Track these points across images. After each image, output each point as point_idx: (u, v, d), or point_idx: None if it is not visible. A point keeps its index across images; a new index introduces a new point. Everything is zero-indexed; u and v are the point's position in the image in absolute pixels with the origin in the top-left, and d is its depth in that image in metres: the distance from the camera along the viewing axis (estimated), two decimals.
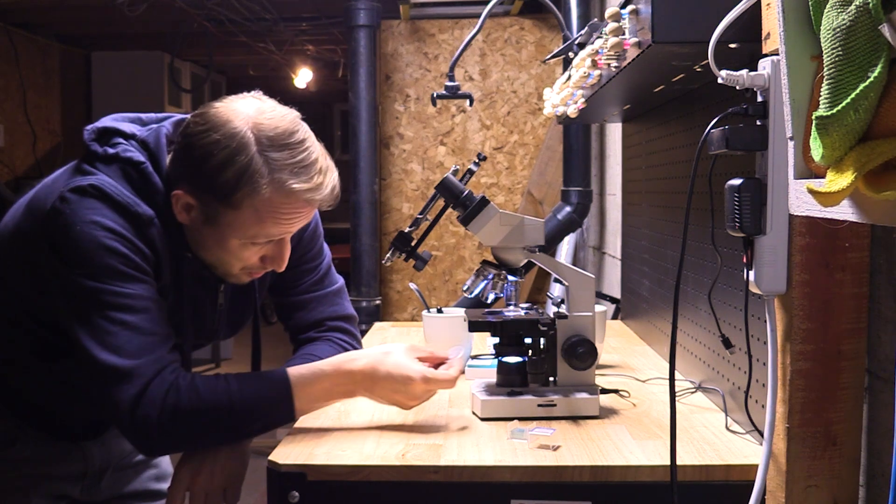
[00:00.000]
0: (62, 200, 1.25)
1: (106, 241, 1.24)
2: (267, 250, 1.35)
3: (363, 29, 3.97)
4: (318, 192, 1.29)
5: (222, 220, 1.29)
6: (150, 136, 1.36)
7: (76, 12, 4.91)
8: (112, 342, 1.23)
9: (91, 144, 1.34)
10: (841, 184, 0.67)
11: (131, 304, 1.25)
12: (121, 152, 1.32)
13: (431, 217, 1.50)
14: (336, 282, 1.62)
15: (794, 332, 1.00)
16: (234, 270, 1.37)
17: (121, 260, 1.25)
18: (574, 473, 1.17)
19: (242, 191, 1.25)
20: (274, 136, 1.26)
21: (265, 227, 1.29)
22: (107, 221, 1.25)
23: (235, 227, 1.29)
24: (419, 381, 1.33)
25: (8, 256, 1.36)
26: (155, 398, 1.22)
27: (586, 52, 1.49)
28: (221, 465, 1.31)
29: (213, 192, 1.26)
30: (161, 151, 1.34)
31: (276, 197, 1.26)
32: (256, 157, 1.25)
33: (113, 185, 1.28)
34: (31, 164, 5.52)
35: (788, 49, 0.78)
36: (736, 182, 1.00)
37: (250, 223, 1.28)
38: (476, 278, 1.48)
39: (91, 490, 1.53)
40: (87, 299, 1.24)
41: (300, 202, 1.28)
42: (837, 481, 1.02)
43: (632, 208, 2.27)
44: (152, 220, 1.29)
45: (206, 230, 1.32)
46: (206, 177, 1.26)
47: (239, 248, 1.32)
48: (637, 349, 1.99)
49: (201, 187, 1.28)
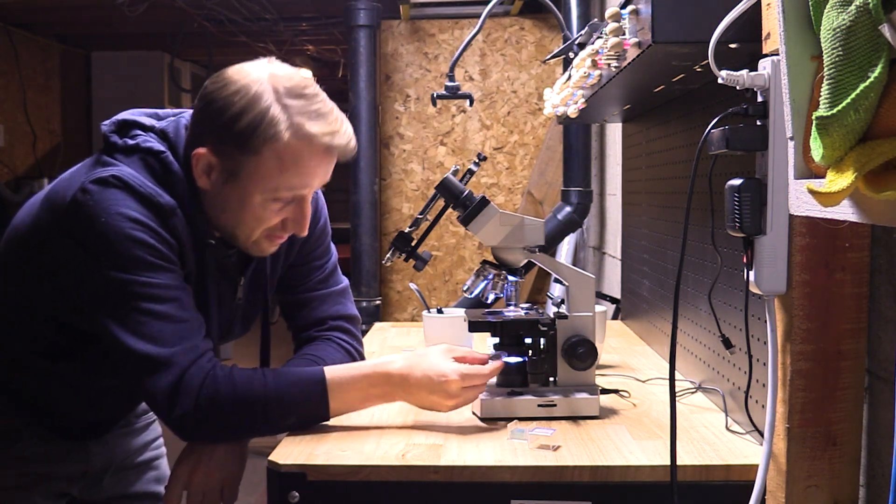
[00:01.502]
0: (84, 192, 1.25)
1: (132, 232, 1.24)
2: (288, 212, 1.34)
3: (363, 29, 3.97)
4: (338, 137, 1.30)
5: (243, 171, 1.29)
6: (170, 126, 1.37)
7: (76, 12, 4.90)
8: (146, 332, 1.23)
9: (111, 136, 1.34)
10: (841, 184, 0.67)
11: (161, 294, 1.25)
12: (141, 143, 1.33)
13: (431, 217, 1.50)
14: (341, 282, 1.62)
15: (794, 332, 1.00)
16: (255, 234, 1.35)
17: (148, 251, 1.25)
18: (574, 473, 1.17)
19: (262, 136, 1.26)
20: (290, 86, 1.29)
21: (286, 177, 1.29)
22: (131, 212, 1.25)
23: (257, 178, 1.29)
24: (455, 379, 1.32)
25: (23, 253, 1.36)
26: (192, 387, 1.23)
27: (586, 53, 1.49)
28: (218, 463, 1.31)
29: (234, 141, 1.27)
30: (181, 141, 1.35)
31: (296, 142, 1.27)
32: (274, 104, 1.27)
33: (135, 176, 1.28)
34: (31, 164, 5.52)
35: (788, 49, 0.78)
36: (736, 182, 1.00)
37: (272, 173, 1.28)
38: (476, 278, 1.48)
39: (91, 489, 1.53)
40: (117, 291, 1.24)
41: (320, 148, 1.29)
42: (837, 481, 1.02)
43: (632, 208, 2.27)
44: (174, 210, 1.29)
45: (227, 190, 1.31)
46: (226, 127, 1.27)
47: (260, 205, 1.31)
48: (637, 349, 1.99)
49: (221, 139, 1.29)
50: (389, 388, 1.34)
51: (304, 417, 1.32)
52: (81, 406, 1.46)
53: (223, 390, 1.24)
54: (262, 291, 1.53)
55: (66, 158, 5.56)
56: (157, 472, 1.65)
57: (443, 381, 1.32)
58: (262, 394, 1.27)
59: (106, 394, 1.46)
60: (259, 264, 1.49)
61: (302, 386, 1.31)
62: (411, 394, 1.34)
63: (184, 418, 1.24)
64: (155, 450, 1.67)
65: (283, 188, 1.30)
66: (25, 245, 1.35)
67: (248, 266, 1.47)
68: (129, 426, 1.61)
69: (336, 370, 1.34)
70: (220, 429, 1.29)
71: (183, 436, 1.31)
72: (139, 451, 1.63)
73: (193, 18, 4.70)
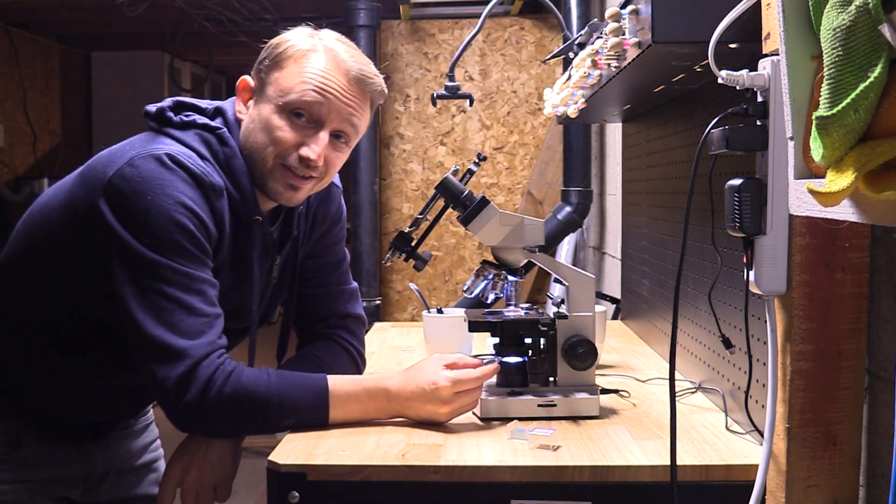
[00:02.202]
0: (132, 166, 1.26)
1: (177, 216, 1.25)
2: (305, 135, 1.35)
3: (363, 29, 3.97)
4: (361, 64, 1.38)
5: (269, 84, 1.36)
6: (226, 105, 1.42)
7: (76, 12, 4.90)
8: (167, 319, 1.24)
9: (166, 112, 1.37)
10: (841, 184, 0.67)
11: (189, 284, 1.25)
12: (197, 119, 1.37)
13: (431, 217, 1.50)
14: (351, 283, 1.64)
15: (794, 332, 1.00)
16: (271, 159, 1.36)
17: (188, 238, 1.26)
18: (574, 473, 1.17)
19: (290, 49, 1.36)
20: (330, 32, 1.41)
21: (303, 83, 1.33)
22: (179, 195, 1.26)
23: (277, 86, 1.35)
24: (446, 385, 1.32)
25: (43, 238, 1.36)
26: (201, 380, 1.23)
27: (586, 52, 1.49)
28: (211, 463, 1.32)
29: (269, 59, 1.37)
30: (234, 120, 1.40)
31: (319, 54, 1.36)
32: (313, 35, 1.40)
33: (189, 156, 1.30)
34: (31, 164, 5.52)
35: (788, 49, 0.78)
36: (736, 182, 1.00)
37: (290, 77, 1.34)
38: (476, 278, 1.48)
39: (91, 492, 1.53)
40: (147, 271, 1.25)
41: (343, 67, 1.36)
42: (837, 481, 1.02)
43: (632, 208, 2.27)
44: (223, 191, 1.32)
45: (255, 113, 1.37)
46: (268, 50, 1.39)
47: (278, 115, 1.34)
48: (637, 349, 1.99)
49: (261, 63, 1.39)
50: (387, 404, 1.35)
51: (303, 421, 1.33)
52: (85, 406, 1.46)
53: (230, 386, 1.25)
54: (291, 275, 1.55)
55: (66, 158, 5.55)
56: (156, 475, 1.65)
57: (434, 390, 1.32)
58: (265, 394, 1.27)
59: (112, 393, 1.46)
60: (292, 246, 1.51)
61: (306, 392, 1.32)
62: (408, 407, 1.35)
63: (189, 410, 1.24)
64: (153, 451, 1.67)
65: (297, 91, 1.33)
66: (50, 229, 1.35)
67: (284, 245, 1.49)
68: (128, 428, 1.61)
69: (339, 381, 1.35)
70: (222, 424, 1.29)
71: (184, 426, 1.31)
72: (139, 453, 1.63)
73: (193, 18, 4.69)
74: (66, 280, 1.35)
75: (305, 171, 1.36)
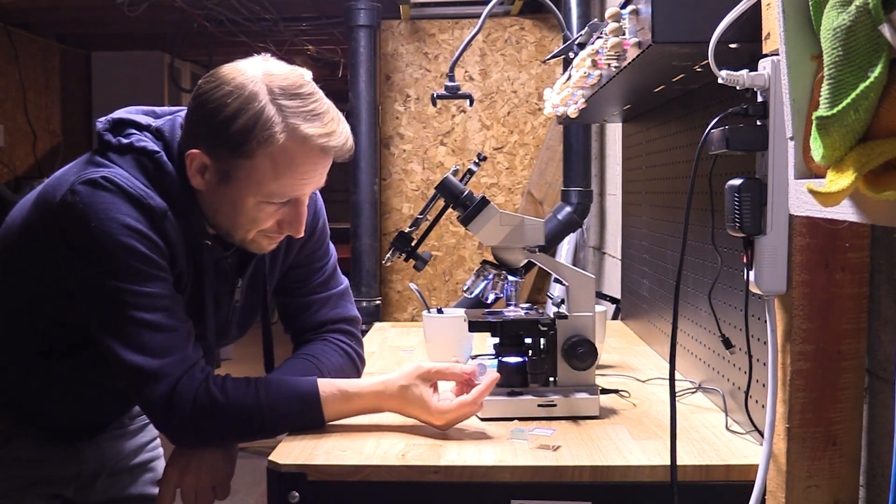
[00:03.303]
0: (73, 193, 1.23)
1: (123, 239, 1.23)
2: (283, 213, 1.32)
3: (363, 29, 3.97)
4: (334, 138, 1.28)
5: (237, 174, 1.27)
6: (166, 125, 1.35)
7: (76, 12, 4.90)
8: (136, 342, 1.23)
9: (104, 135, 1.32)
10: (841, 184, 0.67)
11: (151, 304, 1.24)
12: (135, 142, 1.31)
13: (431, 217, 1.50)
14: (341, 283, 1.61)
15: (794, 332, 1.00)
16: (251, 235, 1.33)
17: (139, 258, 1.24)
18: (574, 473, 1.16)
19: (256, 139, 1.23)
20: (285, 85, 1.26)
21: (281, 180, 1.27)
22: (123, 217, 1.23)
23: (251, 182, 1.27)
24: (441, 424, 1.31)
25: (15, 252, 1.35)
26: (185, 398, 1.23)
27: (586, 53, 1.49)
28: (209, 464, 1.32)
29: (227, 144, 1.25)
30: (176, 140, 1.33)
31: (291, 144, 1.25)
32: (269, 105, 1.24)
33: (126, 178, 1.26)
34: (31, 164, 5.52)
35: (788, 49, 0.78)
36: (736, 182, 1.00)
37: (266, 177, 1.26)
38: (476, 278, 1.48)
39: (84, 491, 1.52)
40: (108, 299, 1.24)
41: (315, 150, 1.27)
42: (837, 481, 1.02)
43: (632, 208, 2.27)
44: (166, 213, 1.27)
45: (221, 192, 1.29)
46: (220, 129, 1.25)
47: (255, 208, 1.29)
48: (637, 349, 1.99)
49: (215, 141, 1.26)
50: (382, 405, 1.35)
51: (298, 427, 1.32)
52: (76, 408, 1.45)
53: (216, 403, 1.25)
54: (260, 294, 1.52)
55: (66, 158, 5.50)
56: (153, 475, 1.64)
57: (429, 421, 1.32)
58: (254, 406, 1.27)
59: (101, 395, 1.46)
60: (258, 266, 1.48)
61: (295, 400, 1.31)
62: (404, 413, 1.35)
63: (179, 428, 1.26)
64: (150, 451, 1.66)
65: (278, 191, 1.28)
66: (19, 245, 1.34)
67: (246, 268, 1.46)
68: (122, 428, 1.60)
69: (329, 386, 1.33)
70: (215, 437, 1.31)
71: (179, 443, 1.32)
72: (134, 453, 1.62)
73: (193, 18, 4.69)
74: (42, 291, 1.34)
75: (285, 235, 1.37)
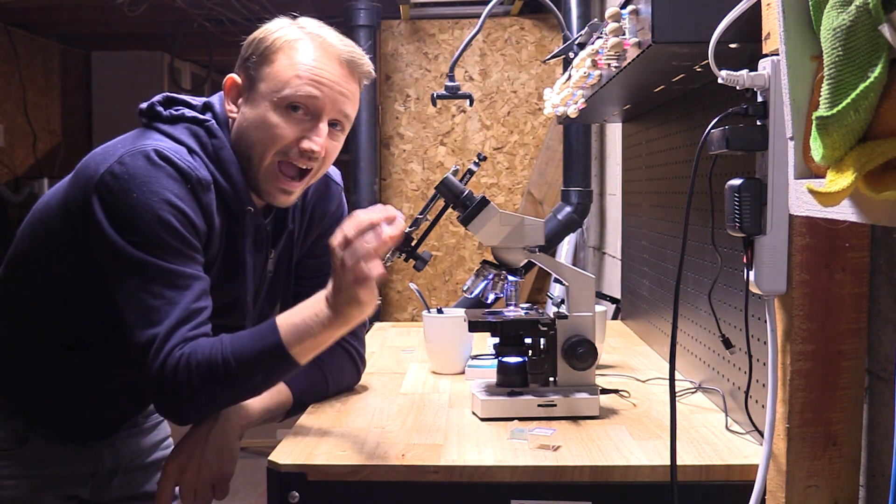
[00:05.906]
0: (121, 164, 1.26)
1: (162, 213, 1.24)
2: (304, 129, 1.34)
3: (363, 29, 3.97)
4: (348, 48, 1.38)
5: (261, 80, 1.35)
6: (213, 98, 1.42)
7: (76, 12, 4.90)
8: (153, 317, 1.23)
9: (155, 106, 1.37)
10: (841, 184, 0.67)
11: (175, 281, 1.25)
12: (186, 112, 1.37)
13: (431, 217, 1.50)
14: None
15: (794, 332, 1.00)
16: (269, 156, 1.35)
17: (173, 235, 1.25)
18: (574, 473, 1.17)
19: (277, 43, 1.35)
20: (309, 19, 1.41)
21: (298, 73, 1.32)
22: (164, 192, 1.25)
23: (270, 82, 1.34)
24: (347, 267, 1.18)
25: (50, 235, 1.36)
26: (169, 368, 1.22)
27: (586, 53, 1.49)
28: (208, 461, 1.31)
29: (254, 53, 1.37)
30: (223, 113, 1.39)
31: (306, 42, 1.35)
32: (293, 25, 1.39)
33: (175, 150, 1.30)
34: (31, 164, 5.52)
35: (788, 49, 0.78)
36: (736, 182, 1.00)
37: (283, 72, 1.33)
38: (476, 278, 1.48)
39: (100, 490, 1.53)
40: (134, 269, 1.24)
41: (333, 53, 1.36)
42: (837, 481, 1.02)
43: (632, 208, 2.27)
44: (210, 185, 1.32)
45: (249, 112, 1.36)
46: (251, 49, 1.38)
47: (277, 115, 1.33)
48: (637, 349, 1.99)
49: (246, 60, 1.38)
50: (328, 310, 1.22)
51: (269, 370, 1.24)
52: (92, 403, 1.46)
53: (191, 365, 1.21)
54: (285, 269, 1.54)
55: (66, 158, 5.55)
56: None
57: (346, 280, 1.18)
58: (219, 354, 1.22)
59: (118, 390, 1.47)
60: (287, 241, 1.51)
61: (256, 335, 1.24)
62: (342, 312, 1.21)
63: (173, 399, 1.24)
64: (164, 450, 1.67)
65: (296, 88, 1.32)
66: (51, 222, 1.36)
67: (279, 239, 1.49)
68: (136, 426, 1.61)
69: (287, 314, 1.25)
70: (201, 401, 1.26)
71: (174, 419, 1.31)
72: (148, 451, 1.63)
73: (193, 18, 4.69)
74: (67, 278, 1.36)
75: (307, 162, 1.36)
